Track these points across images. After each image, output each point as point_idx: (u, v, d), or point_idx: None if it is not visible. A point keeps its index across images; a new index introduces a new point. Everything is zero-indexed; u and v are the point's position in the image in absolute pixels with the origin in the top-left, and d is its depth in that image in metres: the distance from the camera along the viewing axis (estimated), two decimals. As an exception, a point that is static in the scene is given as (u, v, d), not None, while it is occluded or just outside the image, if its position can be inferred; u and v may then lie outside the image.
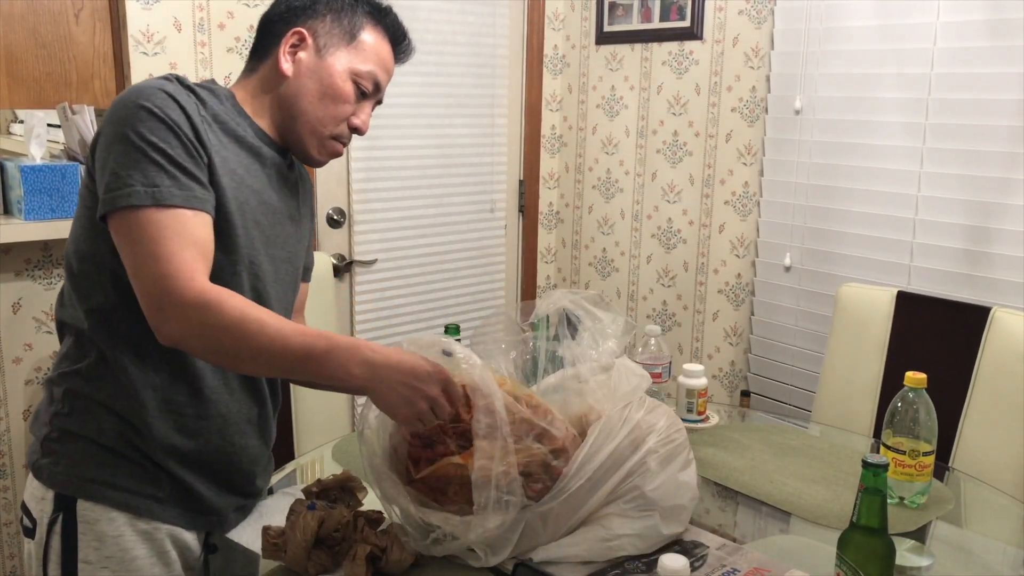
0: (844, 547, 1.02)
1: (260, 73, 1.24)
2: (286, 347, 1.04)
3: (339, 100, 1.22)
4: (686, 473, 1.20)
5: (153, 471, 1.17)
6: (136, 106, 1.07)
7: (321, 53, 1.21)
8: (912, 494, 1.38)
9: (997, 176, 2.06)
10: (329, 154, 1.27)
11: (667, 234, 2.85)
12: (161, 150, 1.07)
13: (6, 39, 2.02)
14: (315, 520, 1.10)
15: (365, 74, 1.23)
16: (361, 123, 1.26)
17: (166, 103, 1.09)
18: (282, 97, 1.22)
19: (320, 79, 1.21)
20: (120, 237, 1.07)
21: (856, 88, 2.30)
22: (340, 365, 1.05)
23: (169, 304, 1.03)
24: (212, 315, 1.03)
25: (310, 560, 1.10)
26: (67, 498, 1.15)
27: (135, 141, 1.06)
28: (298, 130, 1.23)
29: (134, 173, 1.05)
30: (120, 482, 1.15)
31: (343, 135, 1.25)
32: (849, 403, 1.99)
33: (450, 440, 1.11)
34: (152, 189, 1.05)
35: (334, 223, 2.65)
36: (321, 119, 1.22)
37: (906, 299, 1.96)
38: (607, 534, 1.14)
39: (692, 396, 1.71)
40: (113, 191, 1.05)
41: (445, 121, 2.82)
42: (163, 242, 1.04)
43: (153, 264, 1.03)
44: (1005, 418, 1.73)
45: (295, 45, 1.21)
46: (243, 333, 1.03)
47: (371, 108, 1.28)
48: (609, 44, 2.93)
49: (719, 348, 2.75)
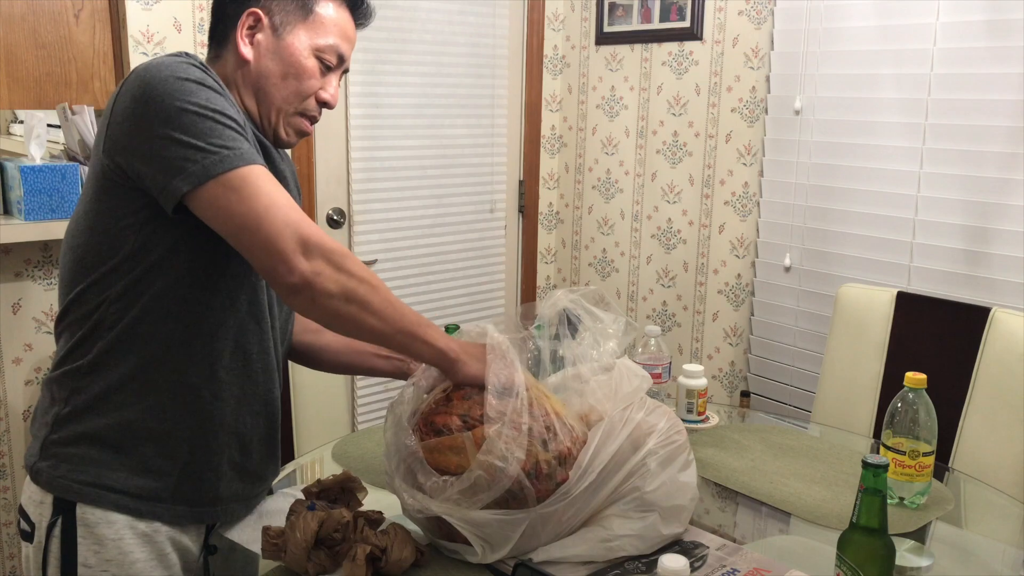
0: (844, 547, 1.02)
1: (223, 59, 1.22)
2: (403, 310, 1.11)
3: (303, 77, 1.21)
4: (686, 474, 1.20)
5: (159, 464, 1.16)
6: (180, 79, 1.06)
7: (279, 32, 1.19)
8: (912, 494, 1.38)
9: (997, 176, 2.06)
10: (297, 132, 1.25)
11: (667, 234, 2.85)
12: (226, 114, 1.07)
13: (6, 39, 2.02)
14: (315, 520, 1.10)
15: (327, 48, 1.21)
16: (330, 96, 1.24)
17: (203, 76, 1.09)
18: (247, 82, 1.21)
19: (281, 59, 1.19)
20: (221, 204, 1.05)
21: (856, 88, 2.30)
22: (441, 336, 1.14)
23: (312, 244, 1.05)
24: (351, 263, 1.07)
25: (310, 560, 1.10)
26: (66, 502, 1.14)
27: (199, 111, 1.05)
28: (265, 112, 1.22)
29: (215, 140, 1.04)
30: (121, 484, 1.15)
31: (310, 110, 1.24)
32: (849, 403, 1.99)
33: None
34: (238, 151, 1.05)
35: (334, 223, 2.65)
36: (286, 98, 1.21)
37: (906, 299, 1.96)
38: (607, 534, 1.14)
39: (692, 396, 1.71)
40: (197, 163, 1.03)
41: (445, 121, 2.82)
42: (277, 194, 1.06)
43: (280, 211, 1.04)
44: (1005, 418, 1.73)
45: (252, 27, 1.19)
46: (373, 287, 1.09)
47: (338, 80, 1.26)
48: (609, 44, 2.93)
49: (719, 348, 2.75)
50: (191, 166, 1.03)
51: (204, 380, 1.17)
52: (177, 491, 1.18)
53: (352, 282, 1.07)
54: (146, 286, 1.12)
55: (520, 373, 1.13)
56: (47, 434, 1.17)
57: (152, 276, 1.12)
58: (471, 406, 1.14)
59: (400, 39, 2.66)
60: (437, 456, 1.12)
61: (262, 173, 1.07)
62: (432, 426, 1.14)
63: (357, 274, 1.08)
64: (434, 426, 1.14)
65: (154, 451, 1.16)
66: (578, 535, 1.15)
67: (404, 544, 1.11)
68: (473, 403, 1.14)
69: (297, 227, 1.05)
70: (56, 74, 2.10)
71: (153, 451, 1.16)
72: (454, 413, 1.14)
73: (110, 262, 1.12)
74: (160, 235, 1.11)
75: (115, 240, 1.12)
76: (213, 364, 1.17)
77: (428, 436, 1.13)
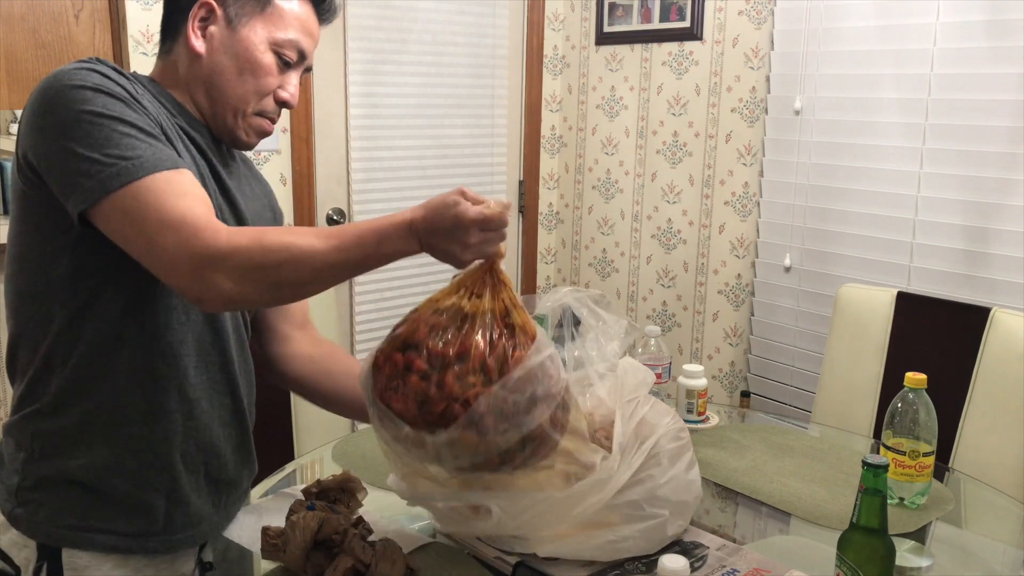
0: (844, 548, 1.02)
1: (174, 54, 1.13)
2: (340, 254, 0.98)
3: (260, 74, 1.12)
4: (692, 472, 1.20)
5: (142, 499, 1.11)
6: (74, 87, 0.98)
7: (233, 24, 1.11)
8: (912, 495, 1.38)
9: (996, 177, 2.06)
10: (257, 133, 1.17)
11: (667, 234, 2.85)
12: (125, 120, 0.99)
13: (6, 40, 2.02)
14: (315, 521, 1.10)
15: (286, 43, 1.13)
16: (289, 96, 1.16)
17: (102, 80, 1.00)
18: (199, 78, 1.12)
19: (236, 54, 1.11)
20: (116, 221, 0.97)
21: (856, 88, 2.30)
22: (395, 250, 1.00)
23: (209, 262, 0.94)
24: (259, 254, 0.95)
25: (308, 561, 1.09)
26: (51, 548, 1.08)
27: (94, 120, 0.97)
28: (220, 111, 1.13)
29: (110, 150, 0.96)
30: (107, 524, 1.09)
31: (268, 110, 1.15)
32: (849, 404, 1.99)
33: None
34: (136, 160, 0.96)
35: (334, 223, 2.65)
36: (243, 96, 1.12)
37: (906, 300, 1.96)
38: (613, 536, 1.14)
39: (692, 397, 1.71)
40: (91, 177, 0.96)
41: (445, 121, 2.82)
42: (171, 207, 0.96)
43: (170, 231, 0.95)
44: (1005, 418, 1.73)
45: (204, 19, 1.11)
46: (298, 259, 0.96)
47: (298, 78, 1.17)
48: (609, 44, 2.93)
49: (719, 349, 2.75)
50: (86, 182, 0.96)
51: (176, 403, 1.11)
52: (168, 522, 1.14)
53: (271, 272, 0.96)
54: (92, 313, 1.04)
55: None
56: (19, 482, 1.09)
57: (96, 301, 1.04)
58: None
59: (400, 39, 2.66)
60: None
61: (158, 184, 0.96)
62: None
63: (273, 260, 0.96)
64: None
65: (134, 486, 1.10)
66: (584, 535, 1.14)
67: (392, 561, 1.08)
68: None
69: (190, 246, 0.94)
70: (56, 74, 2.10)
71: (133, 486, 1.10)
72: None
73: (47, 290, 1.05)
74: (96, 254, 1.03)
75: (48, 266, 1.04)
76: (181, 384, 1.11)
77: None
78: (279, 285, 0.99)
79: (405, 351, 1.02)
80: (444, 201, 0.99)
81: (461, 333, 1.01)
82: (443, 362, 1.00)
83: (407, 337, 1.03)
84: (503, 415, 0.99)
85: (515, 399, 1.00)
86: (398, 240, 1.00)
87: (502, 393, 0.99)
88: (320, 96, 2.55)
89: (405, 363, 1.01)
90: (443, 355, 1.00)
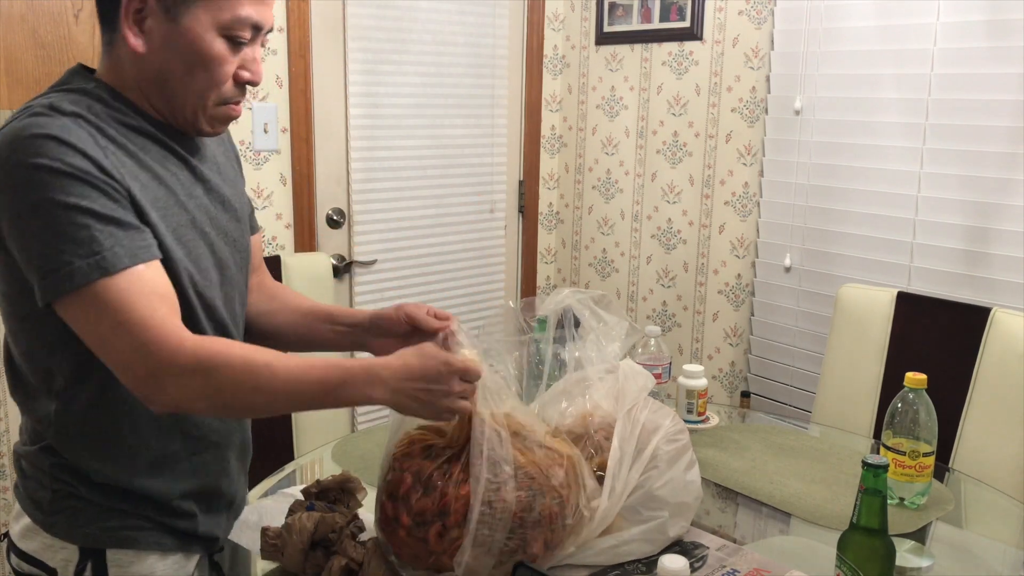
0: (844, 548, 1.02)
1: (117, 48, 1.02)
2: (300, 388, 0.98)
3: (212, 65, 1.01)
4: (691, 473, 1.20)
5: (177, 502, 1.12)
6: (32, 167, 0.91)
7: (172, 14, 0.98)
8: (912, 495, 1.38)
9: (997, 177, 2.06)
10: (223, 122, 1.08)
11: (667, 234, 2.85)
12: (85, 209, 0.92)
13: (6, 39, 2.02)
14: (310, 522, 1.10)
15: (235, 22, 1.00)
16: (252, 75, 1.04)
17: (63, 152, 0.92)
18: (148, 79, 1.02)
19: (180, 48, 0.99)
20: (77, 321, 0.94)
21: (856, 89, 2.30)
22: (358, 393, 0.99)
23: (164, 373, 0.93)
24: (217, 376, 0.94)
25: (307, 561, 1.10)
26: (95, 550, 1.07)
27: (51, 209, 0.91)
28: (178, 110, 1.04)
29: (67, 247, 0.91)
30: (146, 523, 1.09)
31: (231, 96, 1.05)
32: (849, 404, 1.99)
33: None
34: (95, 258, 0.91)
35: (334, 223, 2.65)
36: (200, 91, 1.02)
37: (906, 300, 1.96)
38: (615, 540, 1.14)
39: (692, 397, 1.71)
40: (51, 274, 0.92)
41: (445, 121, 2.82)
42: (131, 309, 0.92)
43: (128, 336, 0.92)
44: (1005, 419, 1.73)
45: (138, 11, 0.98)
46: (254, 386, 0.96)
47: (259, 51, 1.06)
48: (609, 44, 2.93)
49: (719, 349, 2.75)
50: (43, 279, 0.92)
51: (182, 446, 1.10)
52: (205, 517, 1.15)
53: (224, 395, 0.96)
54: (88, 373, 1.01)
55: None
56: (51, 498, 1.07)
57: (92, 359, 0.99)
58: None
59: (400, 39, 2.66)
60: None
61: (119, 284, 0.92)
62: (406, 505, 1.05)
63: (230, 382, 0.95)
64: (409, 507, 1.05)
65: (170, 493, 1.10)
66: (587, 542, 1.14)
67: (382, 560, 1.08)
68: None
69: (148, 352, 0.92)
70: (56, 74, 2.07)
71: (169, 493, 1.10)
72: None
73: (44, 352, 1.02)
74: None
75: (40, 326, 1.01)
76: (193, 430, 1.12)
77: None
78: (230, 408, 1.02)
79: (393, 501, 1.06)
80: (423, 351, 1.01)
81: (444, 482, 1.03)
82: (424, 519, 1.02)
83: (392, 490, 1.06)
84: (496, 553, 1.02)
85: (500, 539, 1.02)
86: (364, 385, 0.99)
87: (489, 540, 1.01)
88: (320, 96, 2.55)
89: (393, 514, 1.05)
90: (424, 512, 1.02)
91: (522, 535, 1.03)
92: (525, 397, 1.35)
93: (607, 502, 1.11)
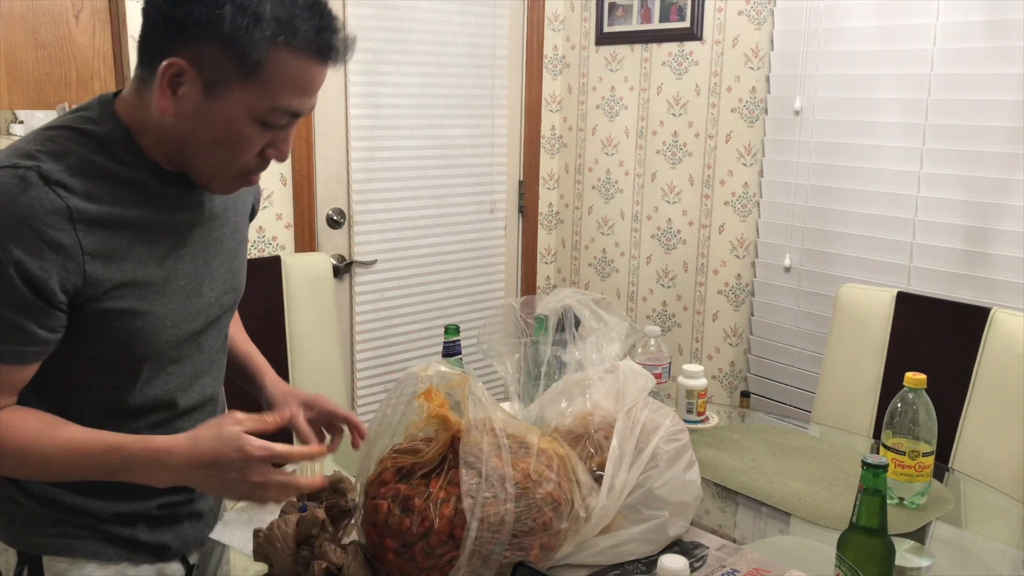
0: (844, 548, 1.02)
1: (148, 92, 0.98)
2: (80, 473, 0.98)
3: (240, 146, 0.98)
4: (691, 472, 1.20)
5: (125, 515, 1.13)
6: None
7: (209, 90, 0.94)
8: (912, 495, 1.38)
9: (997, 176, 2.06)
10: (238, 187, 1.07)
11: (667, 235, 2.85)
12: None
13: (6, 40, 2.02)
14: (290, 526, 1.09)
15: (273, 111, 0.97)
16: (279, 154, 1.02)
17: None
18: (170, 138, 0.99)
19: (211, 124, 0.96)
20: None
21: (856, 89, 2.30)
22: (142, 476, 0.97)
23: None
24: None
25: (297, 563, 1.09)
26: (32, 556, 1.09)
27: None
28: (195, 171, 1.03)
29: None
30: (83, 532, 1.10)
31: (253, 169, 1.03)
32: (849, 404, 1.99)
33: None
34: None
35: (334, 223, 2.65)
36: (223, 163, 1.00)
37: (906, 300, 1.96)
38: (615, 540, 1.14)
39: (692, 397, 1.71)
40: None
41: (445, 122, 2.82)
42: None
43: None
44: (1005, 419, 1.73)
45: (176, 75, 0.94)
46: (30, 472, 1.00)
47: (291, 133, 1.03)
48: (609, 45, 2.93)
49: (719, 349, 2.75)
50: None
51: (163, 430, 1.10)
52: (154, 527, 1.15)
53: (6, 470, 0.98)
54: (67, 414, 1.02)
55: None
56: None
57: (70, 403, 1.04)
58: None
59: (400, 39, 2.66)
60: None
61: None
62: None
63: (7, 467, 0.97)
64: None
65: (103, 511, 1.11)
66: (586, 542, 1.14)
67: (363, 564, 1.08)
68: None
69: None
70: (56, 74, 2.10)
71: (102, 511, 1.11)
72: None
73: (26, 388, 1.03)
74: (56, 363, 1.01)
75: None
76: (175, 418, 1.14)
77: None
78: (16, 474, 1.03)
79: (375, 528, 1.05)
80: (221, 433, 0.94)
81: (424, 502, 1.02)
82: (408, 540, 1.02)
83: (371, 519, 1.05)
84: (494, 565, 1.01)
85: (498, 552, 1.02)
86: (146, 470, 0.96)
87: (486, 553, 1.01)
88: (320, 96, 2.54)
89: (378, 540, 1.04)
90: (405, 533, 1.02)
91: (518, 544, 1.03)
92: (524, 398, 1.35)
93: (606, 500, 1.11)
